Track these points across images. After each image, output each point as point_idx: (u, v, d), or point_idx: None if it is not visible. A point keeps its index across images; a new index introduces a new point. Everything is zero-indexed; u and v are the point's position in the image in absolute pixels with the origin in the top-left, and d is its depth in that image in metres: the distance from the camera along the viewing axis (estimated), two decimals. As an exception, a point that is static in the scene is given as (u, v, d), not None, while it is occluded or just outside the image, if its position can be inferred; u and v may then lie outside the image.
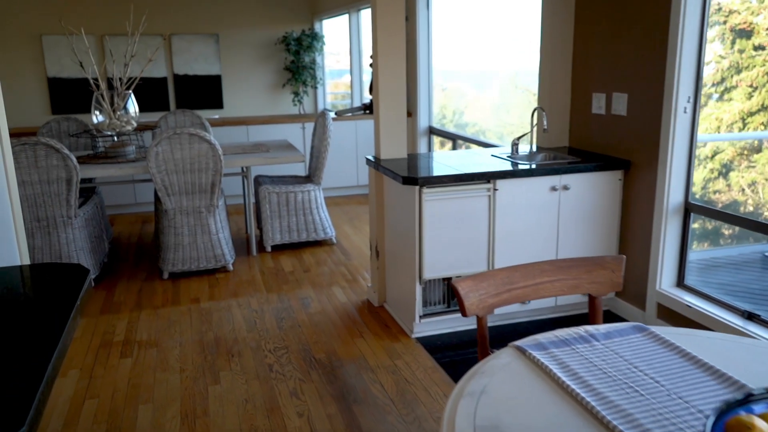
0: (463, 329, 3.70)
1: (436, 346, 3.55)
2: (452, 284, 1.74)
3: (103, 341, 3.72)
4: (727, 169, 3.69)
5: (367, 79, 8.29)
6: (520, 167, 3.60)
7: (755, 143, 3.67)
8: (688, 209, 3.45)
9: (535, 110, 4.02)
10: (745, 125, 3.51)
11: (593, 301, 1.90)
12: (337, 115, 7.08)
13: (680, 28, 3.20)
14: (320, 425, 2.82)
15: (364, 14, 8.12)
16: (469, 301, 1.73)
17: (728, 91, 3.51)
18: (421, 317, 3.60)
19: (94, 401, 3.07)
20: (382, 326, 3.82)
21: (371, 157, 3.97)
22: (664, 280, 3.53)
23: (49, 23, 7.63)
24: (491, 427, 1.29)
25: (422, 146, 6.57)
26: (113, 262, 5.16)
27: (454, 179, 3.41)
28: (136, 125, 5.02)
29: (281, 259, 5.11)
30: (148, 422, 2.89)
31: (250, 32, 9.04)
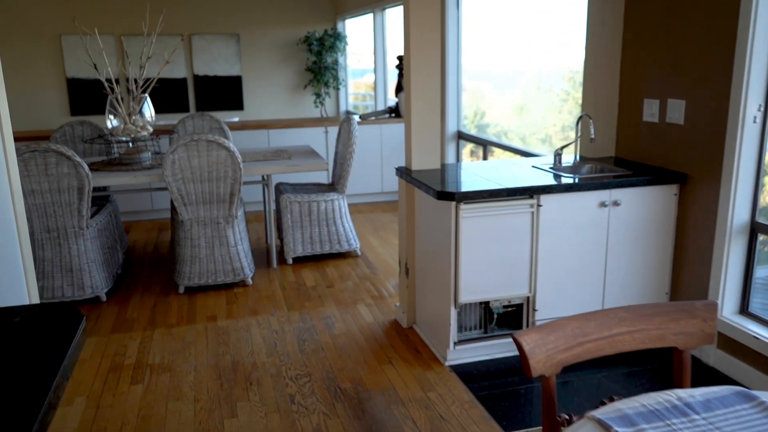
0: (501, 356, 3.40)
1: (472, 375, 3.25)
2: (515, 339, 1.44)
3: (113, 364, 3.47)
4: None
5: (392, 80, 7.99)
6: (565, 180, 3.28)
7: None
8: (754, 229, 3.10)
9: (580, 117, 3.70)
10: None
11: (680, 354, 1.58)
12: (361, 118, 6.80)
13: (751, 26, 2.86)
14: (347, 470, 2.54)
15: (389, 13, 7.83)
16: (534, 358, 1.43)
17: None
18: (455, 344, 3.30)
19: (100, 436, 2.82)
20: (412, 351, 3.53)
21: (401, 167, 3.68)
22: (725, 306, 3.19)
23: (68, 23, 7.45)
24: None
25: (450, 152, 6.26)
26: (127, 273, 4.92)
27: (494, 194, 3.10)
28: (152, 130, 4.78)
29: (303, 272, 4.83)
30: (157, 462, 2.63)
31: (271, 32, 8.79)
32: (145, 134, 4.72)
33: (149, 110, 4.74)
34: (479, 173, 3.51)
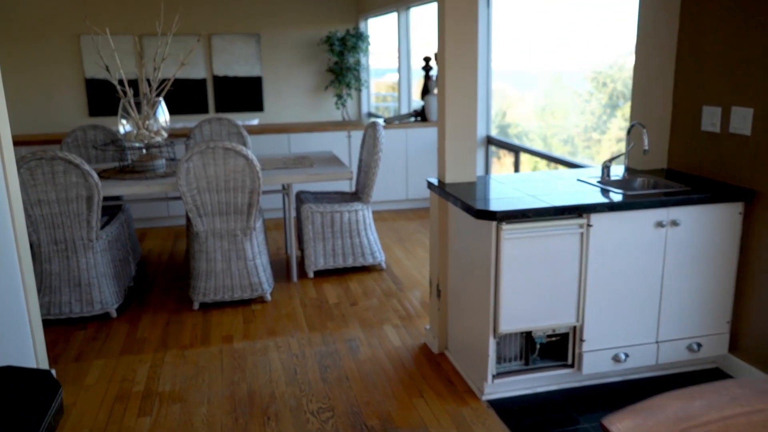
0: (543, 390, 3.08)
1: (512, 412, 2.93)
2: (606, 427, 1.14)
3: (120, 391, 3.20)
4: None
5: (417, 81, 7.68)
6: (616, 196, 2.95)
7: None
8: (835, 254, 2.76)
9: (631, 126, 3.36)
10: None
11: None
12: (386, 123, 6.49)
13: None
14: None
15: (414, 12, 7.52)
16: (629, 450, 1.12)
17: None
18: (494, 377, 2.98)
19: (102, 478, 2.55)
20: (444, 382, 3.22)
21: (434, 179, 3.37)
22: (800, 340, 2.85)
23: (86, 23, 7.24)
24: None
25: (479, 158, 5.93)
26: (140, 285, 4.67)
27: (540, 213, 2.78)
28: (166, 135, 4.51)
29: (325, 287, 4.54)
30: None
31: (292, 32, 8.54)
32: (159, 140, 4.46)
33: (164, 115, 4.48)
34: (519, 187, 3.19)
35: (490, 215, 2.74)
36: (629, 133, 3.39)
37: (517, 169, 5.54)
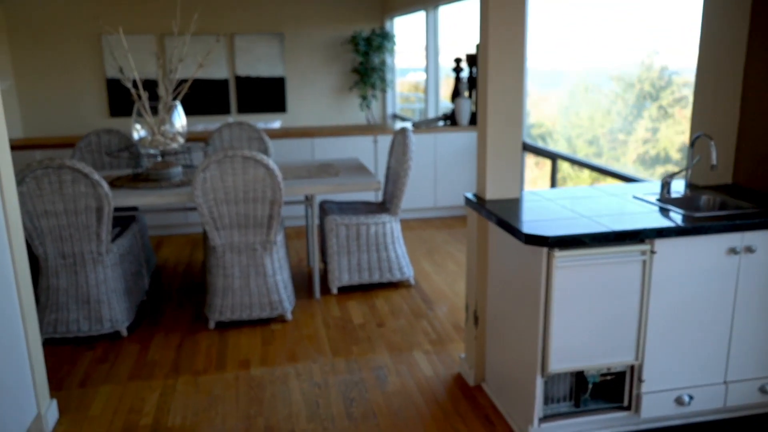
0: (595, 435, 2.74)
1: (560, 460, 2.60)
2: None
3: (126, 424, 2.92)
4: None
5: (446, 83, 7.36)
6: (683, 219, 2.60)
7: None
8: None
9: (696, 138, 3.00)
10: None
11: None
12: (414, 127, 6.17)
13: None
14: None
15: (442, 11, 7.19)
16: None
17: None
18: (540, 420, 2.65)
19: None
20: (482, 420, 2.89)
21: (472, 195, 3.05)
22: None
23: (108, 23, 7.03)
24: None
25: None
26: (154, 299, 4.40)
27: (598, 239, 2.45)
28: (182, 141, 4.25)
29: (349, 305, 4.24)
30: None
31: (316, 31, 8.27)
32: (175, 146, 4.19)
33: (180, 119, 4.21)
34: (569, 206, 2.85)
35: (540, 240, 2.41)
36: (692, 145, 3.03)
37: (554, 178, 5.19)
